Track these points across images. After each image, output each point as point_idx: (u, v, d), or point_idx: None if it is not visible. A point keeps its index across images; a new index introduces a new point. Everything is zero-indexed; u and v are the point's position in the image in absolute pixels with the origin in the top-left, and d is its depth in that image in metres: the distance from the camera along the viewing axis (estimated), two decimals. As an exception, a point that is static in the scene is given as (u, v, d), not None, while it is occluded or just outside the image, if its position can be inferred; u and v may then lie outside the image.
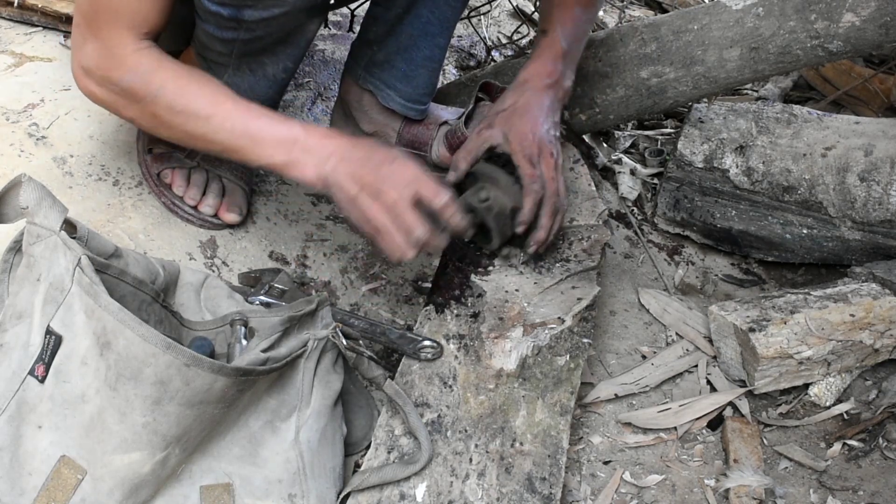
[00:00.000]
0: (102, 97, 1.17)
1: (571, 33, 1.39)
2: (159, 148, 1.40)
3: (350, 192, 1.11)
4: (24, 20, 1.68)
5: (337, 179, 1.11)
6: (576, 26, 1.40)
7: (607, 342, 1.48)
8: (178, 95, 1.13)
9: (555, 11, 1.40)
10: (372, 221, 1.11)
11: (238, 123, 1.13)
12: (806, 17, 1.52)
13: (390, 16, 1.43)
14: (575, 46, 1.42)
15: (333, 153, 1.12)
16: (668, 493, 1.23)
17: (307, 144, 1.12)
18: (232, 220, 1.39)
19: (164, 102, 1.13)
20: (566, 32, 1.39)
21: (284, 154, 1.12)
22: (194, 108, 1.13)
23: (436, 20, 1.43)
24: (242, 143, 1.13)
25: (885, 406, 1.36)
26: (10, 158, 1.36)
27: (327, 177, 1.11)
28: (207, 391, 0.93)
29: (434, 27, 1.44)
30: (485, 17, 2.29)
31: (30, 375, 0.96)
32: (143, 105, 1.14)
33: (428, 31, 1.44)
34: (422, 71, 1.48)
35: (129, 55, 1.13)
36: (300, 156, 1.12)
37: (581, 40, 1.44)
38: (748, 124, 1.68)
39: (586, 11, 1.42)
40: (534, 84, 1.37)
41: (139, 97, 1.14)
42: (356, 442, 1.18)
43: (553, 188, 1.31)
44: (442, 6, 1.42)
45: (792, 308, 1.39)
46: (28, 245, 1.01)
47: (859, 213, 1.57)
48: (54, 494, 0.93)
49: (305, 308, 1.11)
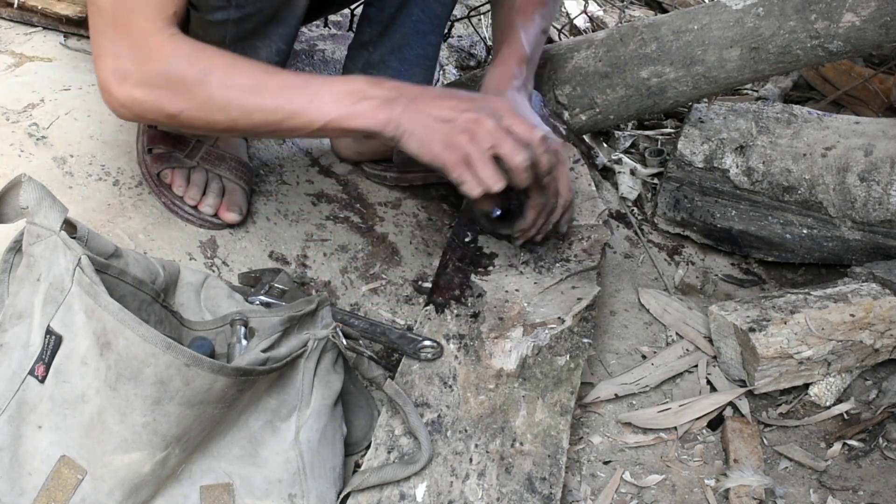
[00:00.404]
0: (145, 98, 1.10)
1: (533, 39, 1.40)
2: (159, 148, 1.41)
3: (429, 125, 1.09)
4: (24, 21, 1.68)
5: (411, 116, 1.09)
6: (536, 33, 1.41)
7: (607, 342, 1.48)
8: (228, 70, 1.09)
9: (516, 18, 1.40)
10: (461, 149, 1.09)
11: (294, 86, 1.10)
12: (806, 17, 1.52)
13: (383, 16, 1.44)
14: (536, 52, 1.42)
15: (403, 94, 1.11)
16: (668, 493, 1.23)
17: (371, 92, 1.10)
18: (232, 220, 1.40)
19: (215, 80, 1.09)
20: (529, 38, 1.39)
21: (348, 105, 1.09)
22: (247, 80, 1.09)
23: (426, 18, 1.44)
24: (300, 106, 1.09)
25: (885, 406, 1.36)
26: (10, 158, 1.36)
27: (399, 116, 1.09)
28: (207, 391, 0.93)
29: (425, 25, 1.44)
30: (485, 17, 2.29)
31: (30, 375, 0.96)
32: (194, 90, 1.09)
33: (419, 30, 1.45)
34: (416, 70, 1.49)
35: (166, 42, 1.09)
36: (365, 104, 1.10)
37: (540, 46, 1.45)
38: (748, 124, 1.68)
39: (543, 20, 1.43)
40: (504, 89, 1.35)
41: (188, 82, 1.09)
42: (356, 442, 1.18)
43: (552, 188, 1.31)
44: (432, 4, 1.43)
45: (792, 308, 1.39)
46: (28, 245, 1.01)
47: (859, 213, 1.57)
48: (54, 494, 0.93)
49: (305, 308, 1.11)
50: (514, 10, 1.41)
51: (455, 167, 1.11)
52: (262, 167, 1.57)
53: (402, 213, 1.60)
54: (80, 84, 1.55)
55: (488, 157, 1.10)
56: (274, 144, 1.64)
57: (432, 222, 1.61)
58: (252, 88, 1.09)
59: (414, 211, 1.62)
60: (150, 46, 1.08)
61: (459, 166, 1.11)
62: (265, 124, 1.12)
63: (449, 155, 1.10)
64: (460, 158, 1.10)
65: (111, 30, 1.09)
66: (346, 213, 1.55)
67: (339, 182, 1.62)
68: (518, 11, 1.41)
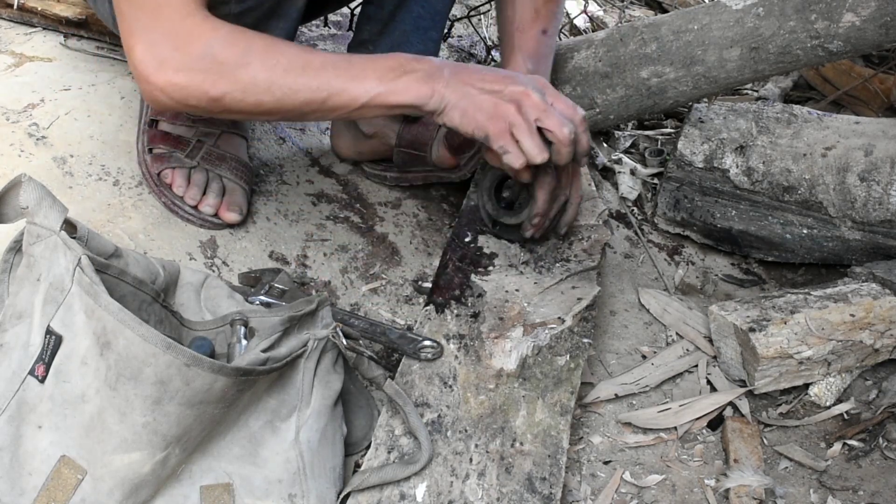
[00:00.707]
0: (187, 82, 1.06)
1: (534, 55, 1.39)
2: (159, 148, 1.41)
3: (473, 96, 1.10)
4: (24, 21, 1.68)
5: (455, 88, 1.11)
6: (538, 48, 1.40)
7: (607, 342, 1.48)
8: (269, 50, 1.08)
9: (516, 36, 1.39)
10: (507, 118, 1.11)
11: (336, 64, 1.09)
12: (806, 17, 1.52)
13: (383, 14, 1.44)
14: (542, 66, 1.41)
15: (445, 68, 1.12)
16: (668, 493, 1.23)
17: (414, 66, 1.11)
18: (232, 220, 1.40)
19: (257, 60, 1.07)
20: (529, 55, 1.38)
21: (391, 81, 1.10)
22: (289, 59, 1.08)
23: (426, 14, 1.43)
24: (343, 83, 1.09)
25: (885, 406, 1.36)
26: (10, 158, 1.36)
27: (444, 90, 1.10)
28: (207, 391, 0.93)
29: (425, 21, 1.44)
30: (485, 17, 2.29)
31: (30, 375, 0.96)
32: (236, 70, 1.07)
33: (420, 26, 1.44)
34: None
35: (202, 24, 1.07)
36: (408, 78, 1.10)
37: (548, 57, 1.43)
38: (748, 124, 1.68)
39: (547, 34, 1.41)
40: None
41: (230, 62, 1.06)
42: (356, 442, 1.18)
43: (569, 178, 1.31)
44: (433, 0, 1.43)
45: (792, 308, 1.39)
46: (28, 245, 1.01)
47: (859, 212, 1.57)
48: (54, 494, 0.93)
49: (305, 308, 1.11)
50: (514, 26, 1.40)
51: (500, 136, 1.12)
52: (262, 167, 1.57)
53: (402, 213, 1.60)
54: (80, 84, 1.55)
55: (534, 128, 1.12)
56: (274, 144, 1.64)
57: (432, 222, 1.61)
58: (295, 68, 1.08)
59: (414, 211, 1.62)
60: (186, 30, 1.06)
61: (504, 136, 1.12)
62: (309, 103, 1.10)
63: (494, 124, 1.11)
64: (505, 128, 1.11)
65: (144, 18, 1.06)
66: (346, 213, 1.55)
67: (339, 182, 1.62)
68: (518, 29, 1.39)
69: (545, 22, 1.39)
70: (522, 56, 1.37)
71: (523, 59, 1.37)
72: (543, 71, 1.41)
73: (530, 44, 1.38)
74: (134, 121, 1.49)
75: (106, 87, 1.56)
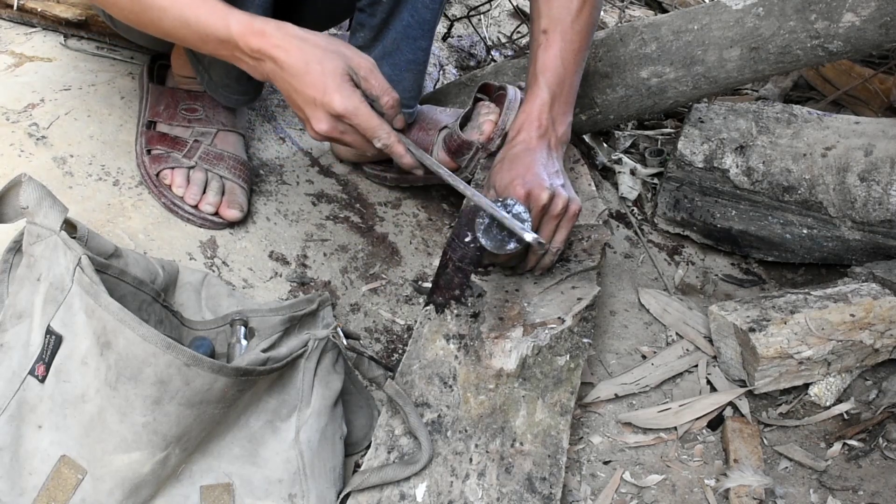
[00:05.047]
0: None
1: (555, 78, 1.37)
2: (157, 149, 1.41)
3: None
4: (24, 22, 1.68)
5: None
6: (561, 69, 1.38)
7: (607, 342, 1.48)
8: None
9: (539, 55, 1.38)
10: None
11: (187, 13, 1.14)
12: (806, 17, 1.52)
13: (375, 22, 1.45)
14: (567, 89, 1.39)
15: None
16: (668, 493, 1.23)
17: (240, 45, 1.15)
18: (233, 217, 1.40)
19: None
20: (548, 80, 1.36)
21: (228, 52, 1.16)
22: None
23: (416, 23, 1.44)
24: (188, 35, 1.16)
25: (885, 406, 1.36)
26: (10, 158, 1.36)
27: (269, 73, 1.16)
28: (207, 391, 0.93)
29: (415, 30, 1.45)
30: (485, 17, 2.29)
31: (30, 375, 0.96)
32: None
33: (409, 35, 1.45)
34: (406, 74, 1.49)
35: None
36: (241, 56, 1.16)
37: (572, 76, 1.40)
38: (748, 124, 1.68)
39: (577, 53, 1.39)
40: (522, 137, 1.35)
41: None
42: (356, 442, 1.18)
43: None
44: (421, 10, 1.43)
45: (792, 308, 1.39)
46: (28, 245, 1.01)
47: (859, 212, 1.57)
48: (54, 494, 0.93)
49: (306, 308, 1.11)
50: (538, 45, 1.38)
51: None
52: (262, 167, 1.57)
53: (402, 213, 1.60)
54: (80, 84, 1.55)
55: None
56: (274, 144, 1.64)
57: (432, 222, 1.61)
58: (154, 6, 1.14)
59: (414, 211, 1.62)
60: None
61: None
62: (173, 39, 1.20)
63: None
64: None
65: None
66: (346, 213, 1.55)
67: (339, 182, 1.62)
68: (542, 45, 1.38)
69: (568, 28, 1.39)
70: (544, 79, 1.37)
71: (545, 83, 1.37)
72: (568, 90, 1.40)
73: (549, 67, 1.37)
74: (134, 121, 1.49)
75: (106, 87, 1.56)
